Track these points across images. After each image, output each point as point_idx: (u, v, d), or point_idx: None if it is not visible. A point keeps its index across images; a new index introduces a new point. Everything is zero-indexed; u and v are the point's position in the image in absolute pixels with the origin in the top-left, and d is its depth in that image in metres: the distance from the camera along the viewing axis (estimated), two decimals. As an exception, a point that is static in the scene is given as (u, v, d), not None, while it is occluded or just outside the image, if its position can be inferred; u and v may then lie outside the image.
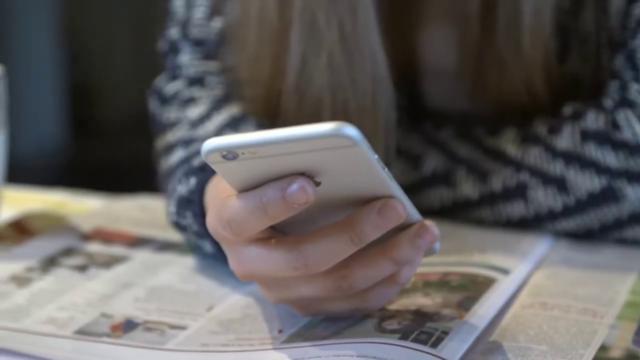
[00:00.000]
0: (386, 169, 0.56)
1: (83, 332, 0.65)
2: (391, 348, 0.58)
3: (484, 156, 0.81)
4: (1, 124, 0.80)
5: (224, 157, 0.54)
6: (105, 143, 3.09)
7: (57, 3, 3.08)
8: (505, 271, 0.71)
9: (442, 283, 0.68)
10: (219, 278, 0.73)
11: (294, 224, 0.58)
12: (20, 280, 0.73)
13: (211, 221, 0.59)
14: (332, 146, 0.53)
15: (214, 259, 0.75)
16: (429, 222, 0.59)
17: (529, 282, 0.71)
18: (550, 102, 0.81)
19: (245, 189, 0.56)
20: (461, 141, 0.82)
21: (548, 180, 0.78)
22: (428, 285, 0.68)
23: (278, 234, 0.60)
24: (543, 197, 0.78)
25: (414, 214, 0.59)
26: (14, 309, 0.68)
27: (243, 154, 0.53)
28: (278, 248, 0.58)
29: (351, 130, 0.52)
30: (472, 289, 0.67)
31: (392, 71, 0.79)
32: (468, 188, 0.81)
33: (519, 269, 0.72)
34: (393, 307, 0.64)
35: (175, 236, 0.81)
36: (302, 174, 0.55)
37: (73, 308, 0.68)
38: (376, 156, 0.54)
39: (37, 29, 3.04)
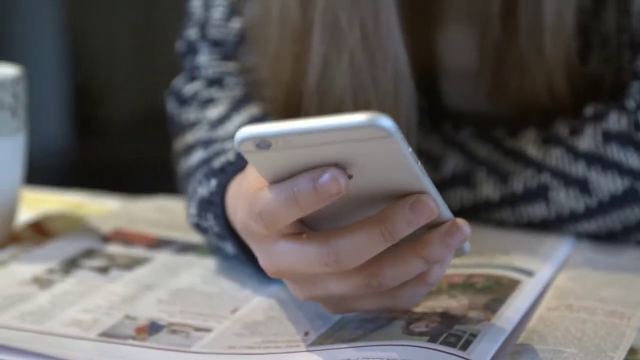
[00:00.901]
0: (419, 163, 0.55)
1: (108, 335, 0.64)
2: (420, 351, 0.58)
3: (504, 157, 0.81)
4: (21, 125, 0.80)
5: (257, 146, 0.53)
6: (108, 143, 3.09)
7: (61, 4, 3.08)
8: (529, 273, 0.70)
9: (467, 285, 0.68)
10: (240, 280, 0.73)
11: (324, 219, 0.58)
12: (42, 282, 0.72)
13: (241, 216, 0.59)
14: (367, 137, 0.52)
15: (235, 260, 0.75)
16: (460, 221, 0.59)
17: (553, 284, 0.70)
18: (571, 102, 0.81)
19: (277, 180, 0.56)
20: (481, 142, 0.82)
21: (570, 181, 0.78)
22: (453, 287, 0.68)
23: (308, 230, 0.59)
24: (565, 199, 0.78)
25: (446, 212, 0.58)
26: (37, 311, 0.67)
27: (276, 143, 0.53)
28: (309, 243, 0.57)
29: (386, 121, 0.51)
30: (497, 290, 0.67)
31: (412, 72, 0.78)
32: (488, 189, 0.80)
33: (543, 271, 0.72)
34: (419, 309, 0.64)
35: (195, 237, 0.81)
36: (335, 166, 0.54)
37: (96, 310, 0.68)
38: (410, 149, 0.54)
39: (41, 30, 3.04)
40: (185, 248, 0.80)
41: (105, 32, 3.15)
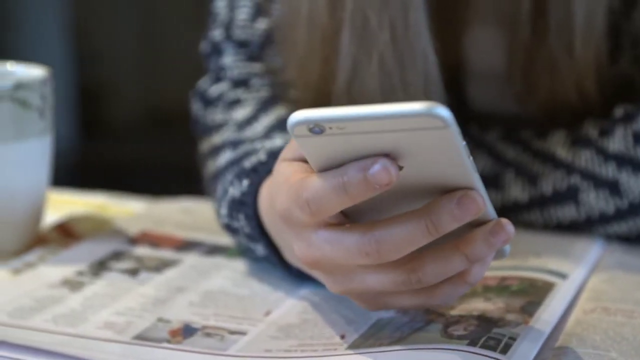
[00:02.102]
0: (471, 158, 0.55)
1: (142, 338, 0.64)
2: (461, 354, 0.57)
3: (533, 159, 0.80)
4: (48, 126, 0.79)
5: (310, 130, 0.53)
6: (113, 143, 3.09)
7: (66, 6, 3.08)
8: (562, 275, 0.70)
9: (502, 287, 0.68)
10: (271, 282, 0.73)
11: (366, 211, 0.58)
12: (73, 285, 0.72)
13: (283, 203, 0.58)
14: (422, 127, 0.52)
15: (264, 262, 0.75)
16: (505, 221, 0.58)
17: (587, 287, 0.70)
18: (601, 103, 0.80)
19: (325, 168, 0.56)
20: (509, 143, 0.82)
21: (600, 183, 0.77)
22: (488, 289, 0.67)
23: (348, 220, 0.59)
24: (595, 201, 0.78)
25: (491, 210, 0.58)
26: (69, 314, 0.67)
27: (330, 128, 0.53)
28: (350, 232, 0.57)
29: (444, 111, 0.51)
30: (532, 293, 0.67)
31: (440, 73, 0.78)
32: (517, 191, 0.80)
33: (576, 273, 0.71)
34: (456, 312, 0.64)
35: (222, 239, 0.80)
36: (386, 156, 0.54)
37: (129, 313, 0.67)
38: (464, 143, 0.53)
39: (46, 31, 3.03)
40: (213, 250, 0.79)
41: (110, 33, 3.15)
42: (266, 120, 0.81)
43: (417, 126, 0.52)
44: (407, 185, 0.56)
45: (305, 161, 0.60)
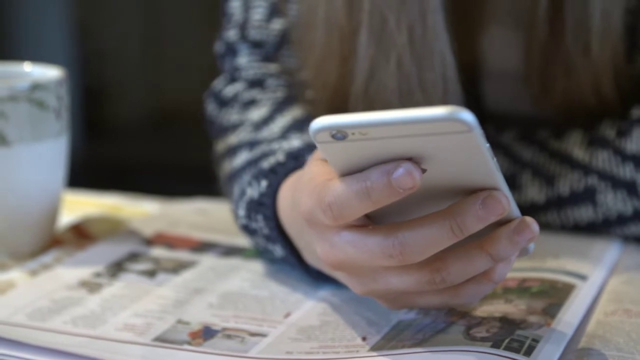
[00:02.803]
0: (495, 159, 0.55)
1: (162, 340, 0.64)
2: (485, 357, 0.57)
3: (549, 159, 0.80)
4: (64, 127, 0.79)
5: (333, 136, 0.53)
6: (117, 144, 3.09)
7: (71, 6, 3.07)
8: (582, 277, 0.70)
9: (523, 289, 0.67)
10: (289, 283, 0.72)
11: (389, 213, 0.57)
12: (91, 286, 0.72)
13: (307, 206, 0.58)
14: (445, 131, 0.52)
15: (283, 262, 0.74)
16: (529, 219, 0.58)
17: (607, 288, 0.70)
18: (618, 104, 0.80)
19: (348, 173, 0.55)
20: (525, 144, 0.81)
21: (617, 184, 0.77)
22: (508, 291, 0.67)
23: (371, 223, 0.59)
24: (612, 202, 0.77)
25: (515, 209, 0.58)
26: (89, 315, 0.67)
27: (353, 134, 0.52)
28: (374, 234, 0.57)
29: (467, 115, 0.51)
30: (553, 295, 0.66)
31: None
32: (534, 192, 0.80)
33: (595, 275, 0.71)
34: (477, 313, 0.63)
35: (238, 240, 0.80)
36: (409, 159, 0.54)
37: (148, 314, 0.67)
38: (487, 145, 0.53)
39: (51, 31, 3.03)
40: (230, 251, 0.79)
41: (114, 33, 3.14)
42: (282, 120, 0.81)
43: (440, 130, 0.52)
44: (430, 187, 0.56)
45: None
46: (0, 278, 0.73)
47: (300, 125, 0.80)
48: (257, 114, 0.83)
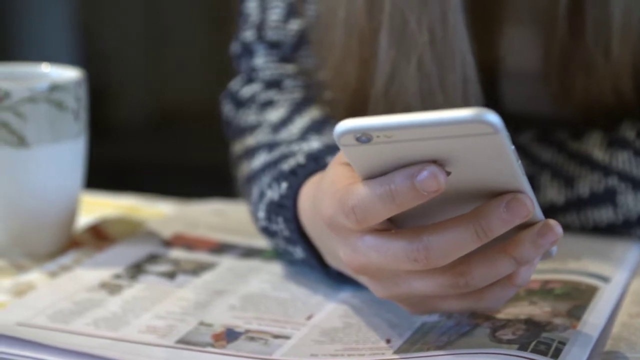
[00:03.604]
0: (519, 161, 0.54)
1: (185, 342, 0.63)
2: (512, 359, 0.57)
3: (568, 160, 0.80)
4: (83, 128, 0.79)
5: (357, 139, 0.52)
6: (120, 144, 3.08)
7: (73, 6, 3.07)
8: (604, 279, 0.70)
9: (546, 291, 0.67)
10: (310, 285, 0.72)
11: (411, 217, 0.57)
12: (111, 288, 0.71)
13: (329, 210, 0.58)
14: (471, 133, 0.51)
15: (302, 265, 0.74)
16: (552, 222, 0.57)
17: (630, 290, 0.70)
18: (637, 104, 0.80)
19: (372, 176, 0.55)
20: (543, 145, 0.81)
21: (638, 185, 0.77)
22: (531, 293, 0.67)
23: (393, 226, 0.58)
24: (633, 203, 0.77)
25: (538, 212, 0.57)
26: (110, 317, 0.67)
27: (378, 137, 0.52)
28: (398, 239, 0.56)
29: (493, 117, 0.50)
30: (577, 297, 0.66)
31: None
32: (553, 193, 0.79)
33: (618, 276, 0.71)
34: (502, 315, 0.63)
35: (257, 242, 0.80)
36: (433, 162, 0.54)
37: (170, 316, 0.67)
38: (513, 147, 0.53)
39: (53, 31, 3.03)
40: (249, 253, 0.79)
41: (117, 34, 3.14)
42: (301, 122, 0.81)
43: (465, 132, 0.52)
44: (453, 190, 0.56)
45: None
46: (19, 279, 0.73)
47: (319, 126, 0.80)
48: (275, 115, 0.83)
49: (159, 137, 3.01)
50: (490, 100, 0.85)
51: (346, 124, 0.52)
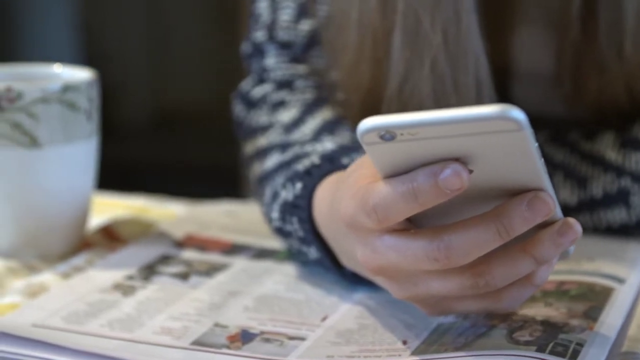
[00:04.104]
0: (542, 159, 0.54)
1: (200, 343, 0.63)
2: (530, 361, 0.57)
3: (581, 161, 0.80)
4: (95, 129, 0.79)
5: (381, 137, 0.52)
6: (122, 144, 3.08)
7: (75, 6, 3.07)
8: (619, 280, 0.69)
9: (561, 292, 0.67)
10: (324, 286, 0.72)
11: (431, 216, 0.57)
12: (125, 289, 0.71)
13: (348, 208, 0.57)
14: (495, 130, 0.51)
15: (316, 265, 0.74)
16: (572, 220, 0.57)
17: (644, 291, 0.69)
18: (651, 105, 0.80)
19: (393, 175, 0.55)
20: (556, 146, 0.81)
21: (651, 186, 0.77)
22: (547, 294, 0.67)
23: (412, 226, 0.58)
24: (646, 204, 0.77)
25: (558, 211, 0.57)
26: (125, 319, 0.66)
27: (402, 134, 0.52)
28: (417, 238, 0.56)
29: (518, 114, 0.50)
30: (592, 298, 0.66)
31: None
32: (566, 194, 0.79)
33: (632, 277, 0.70)
34: (518, 317, 0.63)
35: (270, 243, 0.80)
36: (455, 160, 0.53)
37: (184, 318, 0.67)
38: (536, 144, 0.53)
39: (55, 32, 3.03)
40: (261, 253, 0.79)
41: (119, 34, 3.14)
42: (313, 122, 0.80)
43: (490, 129, 0.51)
44: (474, 188, 0.55)
45: None
46: (32, 280, 0.73)
47: (332, 127, 0.79)
48: (286, 115, 0.82)
49: (160, 137, 3.01)
50: (502, 101, 0.85)
51: (370, 122, 0.52)
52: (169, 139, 2.94)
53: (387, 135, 0.52)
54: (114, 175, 2.74)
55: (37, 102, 0.74)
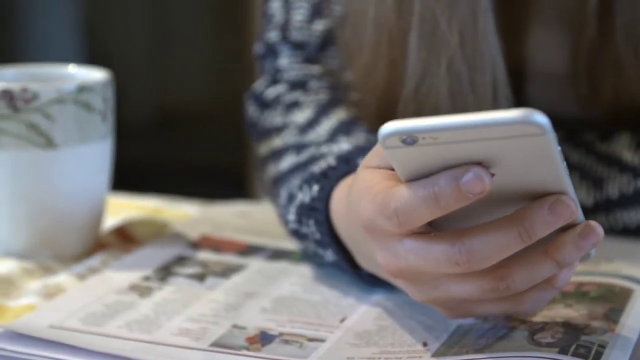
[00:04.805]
0: (565, 163, 0.54)
1: (219, 345, 0.63)
2: (554, 363, 0.57)
3: (597, 162, 0.79)
4: (110, 130, 0.78)
5: (403, 141, 0.52)
6: (124, 144, 3.08)
7: (78, 6, 3.07)
8: (639, 281, 0.69)
9: (581, 294, 0.67)
10: (341, 288, 0.72)
11: (451, 220, 0.57)
12: (142, 290, 0.71)
13: (368, 212, 0.57)
14: (518, 134, 0.51)
15: (332, 267, 0.74)
16: (594, 223, 0.57)
17: (663, 293, 0.69)
18: (668, 105, 0.79)
19: (414, 179, 0.55)
20: (571, 147, 0.81)
21: (668, 187, 0.77)
22: (567, 296, 0.66)
23: (432, 229, 0.58)
24: (663, 205, 0.77)
25: (580, 214, 0.57)
26: (143, 320, 0.66)
27: (424, 139, 0.52)
28: (438, 242, 0.56)
29: (542, 119, 0.50)
30: (613, 300, 0.66)
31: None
32: (582, 195, 0.79)
33: (651, 279, 0.70)
34: (539, 319, 0.63)
35: (284, 244, 0.79)
36: (478, 164, 0.53)
37: (203, 319, 0.66)
38: (559, 148, 0.52)
39: (57, 32, 3.03)
40: (277, 255, 0.78)
41: (121, 34, 3.14)
42: (328, 123, 0.80)
43: (513, 134, 0.51)
44: (496, 192, 0.55)
45: (389, 168, 0.59)
46: (48, 282, 0.73)
47: (347, 128, 0.79)
48: (301, 116, 0.82)
49: (163, 138, 3.01)
50: (517, 102, 0.85)
51: (392, 126, 0.52)
52: (171, 139, 2.94)
53: (409, 139, 0.52)
54: (115, 175, 2.74)
55: (52, 102, 0.74)
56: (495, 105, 0.75)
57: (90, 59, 3.09)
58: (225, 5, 2.90)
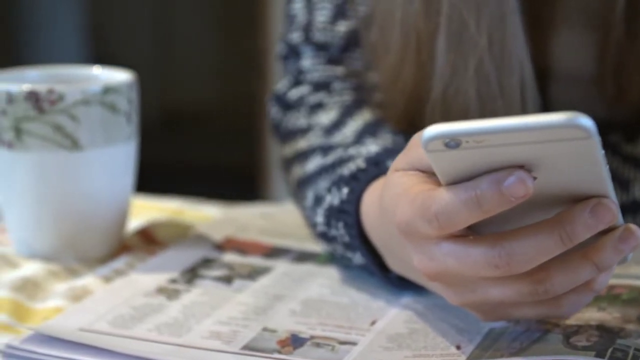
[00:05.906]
0: (607, 166, 0.54)
1: (250, 348, 0.62)
2: (591, 366, 0.56)
3: (622, 164, 0.79)
4: (134, 131, 0.78)
5: (446, 145, 0.51)
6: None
7: (83, 8, 3.07)
8: (669, 284, 0.69)
9: (613, 296, 0.66)
10: (369, 290, 0.71)
11: (489, 223, 0.56)
12: (169, 293, 0.71)
13: (405, 214, 0.57)
14: (562, 138, 0.50)
15: (359, 270, 0.73)
16: (634, 226, 0.57)
17: (694, 295, 0.69)
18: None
19: (455, 182, 0.54)
20: (596, 148, 0.80)
21: (695, 188, 0.76)
22: (599, 299, 0.66)
23: (472, 232, 0.57)
24: (690, 206, 0.76)
25: (619, 217, 0.57)
26: (172, 323, 0.66)
27: (467, 142, 0.51)
28: (478, 245, 0.55)
29: (587, 122, 0.50)
30: (645, 302, 0.65)
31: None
32: (607, 197, 0.78)
33: (681, 281, 0.70)
34: (572, 321, 0.62)
35: (309, 245, 0.79)
36: (520, 167, 0.53)
37: (232, 322, 0.66)
38: (603, 151, 0.52)
39: (62, 33, 3.03)
40: (302, 256, 0.78)
41: (126, 36, 3.14)
42: (354, 125, 0.80)
43: (557, 137, 0.51)
44: (537, 195, 0.55)
45: (419, 170, 0.58)
46: (74, 284, 0.72)
47: (373, 129, 0.79)
48: (325, 117, 0.82)
49: (168, 138, 3.01)
50: (542, 103, 0.84)
51: (436, 129, 0.51)
52: (174, 140, 2.93)
53: (452, 142, 0.52)
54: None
55: (78, 104, 0.73)
56: (523, 107, 0.75)
57: (94, 59, 3.09)
58: (228, 6, 2.90)
